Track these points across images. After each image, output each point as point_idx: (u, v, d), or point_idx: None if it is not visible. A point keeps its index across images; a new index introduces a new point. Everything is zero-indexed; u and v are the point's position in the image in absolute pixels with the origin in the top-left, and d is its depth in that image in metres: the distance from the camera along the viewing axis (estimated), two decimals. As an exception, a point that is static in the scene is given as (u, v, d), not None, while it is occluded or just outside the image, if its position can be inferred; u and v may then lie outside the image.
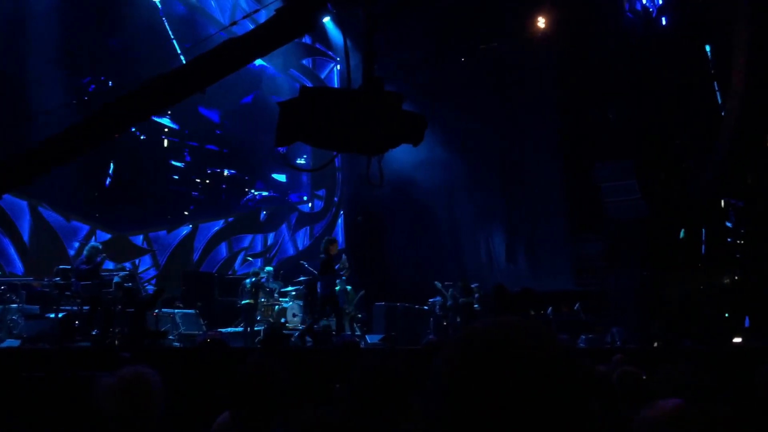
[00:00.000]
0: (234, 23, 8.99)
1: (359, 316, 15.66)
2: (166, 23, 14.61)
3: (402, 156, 18.49)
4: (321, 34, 17.78)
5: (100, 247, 10.77)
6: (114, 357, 7.47)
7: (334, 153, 6.57)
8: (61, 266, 10.92)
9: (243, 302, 12.22)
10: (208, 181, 16.30)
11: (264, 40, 6.44)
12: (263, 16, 8.93)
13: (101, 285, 9.93)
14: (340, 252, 12.75)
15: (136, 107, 6.42)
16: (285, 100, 6.27)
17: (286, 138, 6.10)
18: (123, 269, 12.65)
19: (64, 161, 6.24)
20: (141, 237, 14.85)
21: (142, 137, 14.49)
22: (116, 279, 10.23)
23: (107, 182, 14.01)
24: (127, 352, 7.38)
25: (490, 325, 1.05)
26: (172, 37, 14.66)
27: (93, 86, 13.47)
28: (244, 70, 7.62)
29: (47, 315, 10.17)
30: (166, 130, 15.09)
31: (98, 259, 10.18)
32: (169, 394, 2.79)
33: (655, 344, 14.88)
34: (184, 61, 10.74)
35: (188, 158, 15.72)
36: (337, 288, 13.98)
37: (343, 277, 12.75)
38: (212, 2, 16.21)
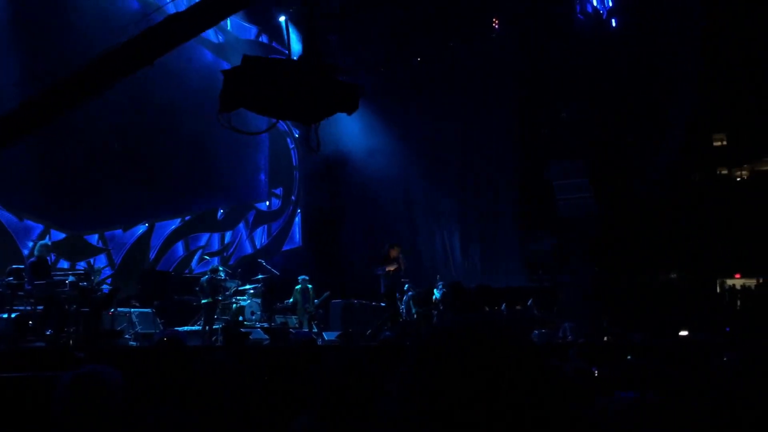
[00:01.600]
0: (159, 8, 9.19)
1: (320, 311, 15.78)
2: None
3: (359, 153, 18.71)
4: (277, 33, 17.82)
5: (50, 244, 10.63)
6: (68, 357, 7.46)
7: (274, 120, 6.98)
8: (14, 266, 10.77)
9: (203, 301, 12.22)
10: (165, 180, 16.16)
11: (205, 13, 6.80)
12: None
13: (55, 284, 9.84)
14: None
15: (86, 82, 6.62)
16: (229, 69, 6.65)
17: (229, 104, 6.43)
18: (92, 268, 12.46)
19: (15, 138, 6.39)
20: (96, 236, 14.67)
21: (97, 135, 14.28)
22: (70, 278, 10.14)
23: (61, 181, 13.77)
24: (81, 352, 7.38)
25: (457, 325, 1.05)
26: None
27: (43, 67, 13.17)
28: (199, 67, 7.74)
29: (0, 315, 10.04)
30: (122, 128, 14.92)
31: (50, 257, 10.09)
32: (130, 393, 2.82)
33: (605, 338, 15.32)
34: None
35: (145, 156, 15.56)
36: (298, 287, 14.12)
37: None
38: (171, 7, 16.08)
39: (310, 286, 14.22)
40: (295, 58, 6.98)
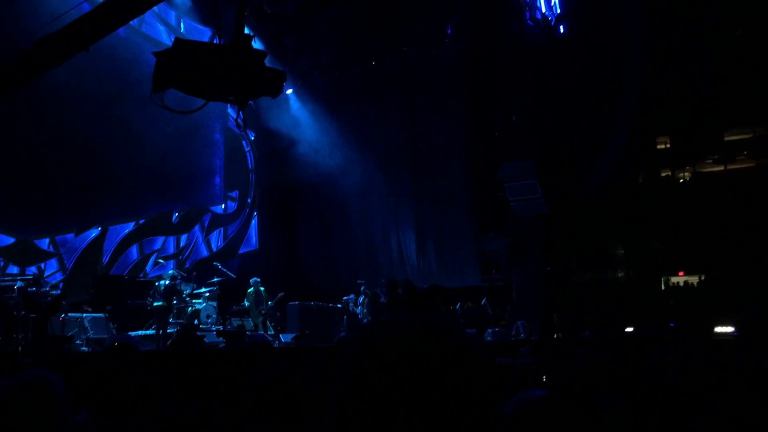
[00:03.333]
0: None
1: (277, 314, 15.81)
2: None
3: (315, 156, 18.79)
4: (226, 31, 17.74)
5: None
6: (15, 363, 7.40)
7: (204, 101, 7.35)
8: (-40, 272, 10.59)
9: (155, 304, 12.16)
10: (118, 183, 15.97)
11: None
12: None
13: (2, 290, 9.70)
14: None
15: (23, 66, 6.84)
16: (161, 50, 6.94)
17: (161, 84, 6.74)
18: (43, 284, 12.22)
19: None
20: (47, 240, 14.44)
21: (47, 137, 14.03)
22: (18, 284, 10.01)
23: (10, 184, 13.50)
24: (28, 358, 7.32)
25: (390, 324, 1.06)
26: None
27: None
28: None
29: (-54, 322, 9.86)
30: (74, 130, 14.69)
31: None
32: (74, 399, 2.82)
33: (556, 336, 15.71)
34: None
35: (98, 159, 15.35)
36: (250, 290, 14.16)
37: None
38: None
39: (262, 288, 14.28)
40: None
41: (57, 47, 6.90)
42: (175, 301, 12.55)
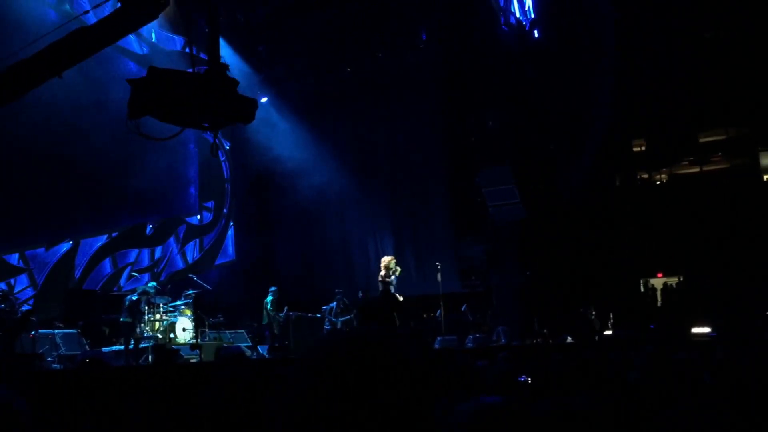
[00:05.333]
0: (77, 16, 9.64)
1: (254, 325, 15.64)
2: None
3: (290, 163, 18.64)
4: (204, 43, 17.57)
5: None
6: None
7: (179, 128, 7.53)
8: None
9: (121, 320, 11.99)
10: (90, 195, 15.67)
11: (112, 27, 7.42)
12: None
13: (-31, 308, 9.45)
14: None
15: None
16: (135, 78, 7.06)
17: (136, 112, 6.90)
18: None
19: None
20: (17, 255, 14.11)
21: (15, 148, 13.72)
22: (-14, 301, 9.76)
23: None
24: (-4, 377, 7.11)
25: (323, 339, 1.13)
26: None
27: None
28: (123, 78, 7.87)
29: None
30: (43, 141, 14.40)
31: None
32: (41, 418, 2.66)
33: (536, 341, 15.70)
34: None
35: (68, 171, 15.06)
36: (269, 298, 14.16)
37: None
38: (87, 8, 15.69)
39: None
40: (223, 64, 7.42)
41: (29, 73, 7.03)
42: (148, 316, 12.32)
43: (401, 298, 12.88)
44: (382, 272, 13.08)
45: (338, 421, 1.03)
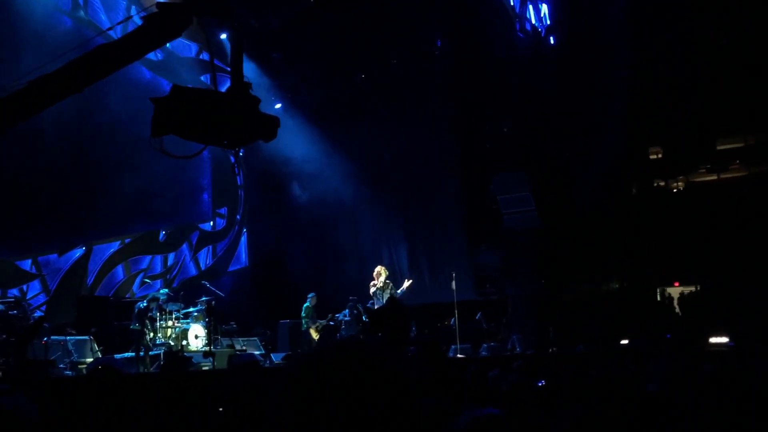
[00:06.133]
0: (103, 32, 9.77)
1: (267, 332, 15.54)
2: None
3: (304, 170, 18.58)
4: (220, 50, 17.53)
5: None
6: (-6, 390, 7.10)
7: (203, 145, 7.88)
8: (-63, 296, 10.25)
9: (131, 327, 11.96)
10: (103, 201, 15.64)
11: (135, 44, 7.55)
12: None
13: (-19, 314, 9.40)
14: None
15: (14, 108, 6.87)
16: (159, 97, 7.14)
17: (160, 130, 7.01)
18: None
19: None
20: (29, 261, 14.08)
21: (28, 154, 13.70)
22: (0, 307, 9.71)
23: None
24: (6, 384, 7.04)
25: (315, 351, 1.19)
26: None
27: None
28: (137, 84, 7.94)
29: None
30: (56, 146, 14.41)
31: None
32: (51, 426, 2.64)
33: (551, 350, 15.48)
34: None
35: (81, 176, 15.05)
36: (307, 303, 14.58)
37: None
38: (102, 16, 15.73)
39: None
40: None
41: (52, 89, 7.10)
42: (160, 322, 12.25)
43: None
44: (377, 282, 13.42)
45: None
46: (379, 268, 13.95)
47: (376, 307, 13.38)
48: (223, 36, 16.55)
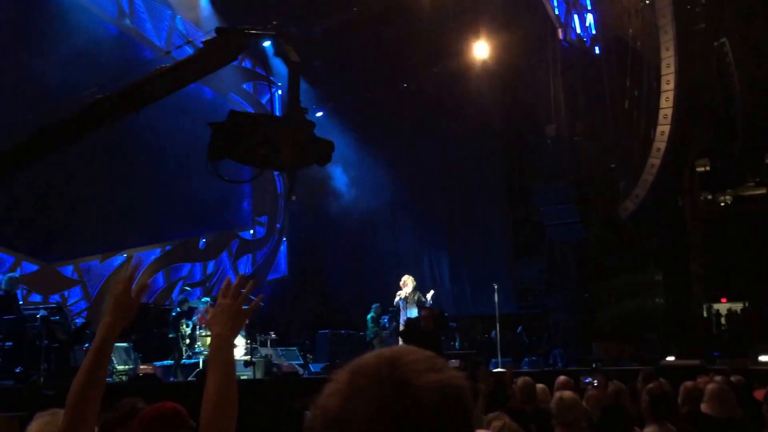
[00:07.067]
0: (168, 52, 10.01)
1: (306, 342, 15.42)
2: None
3: (344, 179, 18.48)
4: (262, 58, 17.60)
5: (18, 277, 10.20)
6: (37, 395, 7.07)
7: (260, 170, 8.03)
8: (-20, 301, 10.29)
9: (170, 336, 11.97)
10: (144, 208, 15.72)
11: (193, 68, 7.71)
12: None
13: (25, 320, 9.41)
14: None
15: (75, 129, 7.29)
16: (216, 122, 7.25)
17: (217, 154, 7.14)
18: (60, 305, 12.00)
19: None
20: (71, 267, 14.18)
21: (72, 161, 13.82)
22: (41, 313, 9.71)
23: (34, 209, 13.24)
24: (51, 390, 7.01)
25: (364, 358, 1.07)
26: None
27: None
28: (180, 91, 7.98)
29: (-35, 353, 9.53)
30: (99, 153, 14.51)
31: (17, 291, 9.70)
32: None
33: (594, 365, 15.08)
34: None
35: (123, 183, 15.14)
36: (371, 314, 14.44)
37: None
38: (148, 24, 15.88)
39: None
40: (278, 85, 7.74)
41: (110, 110, 7.26)
42: (200, 331, 12.21)
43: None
44: (403, 291, 13.33)
45: None
46: (405, 277, 13.77)
47: (404, 316, 13.16)
48: (266, 44, 16.62)
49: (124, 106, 7.32)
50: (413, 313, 13.12)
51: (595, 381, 6.78)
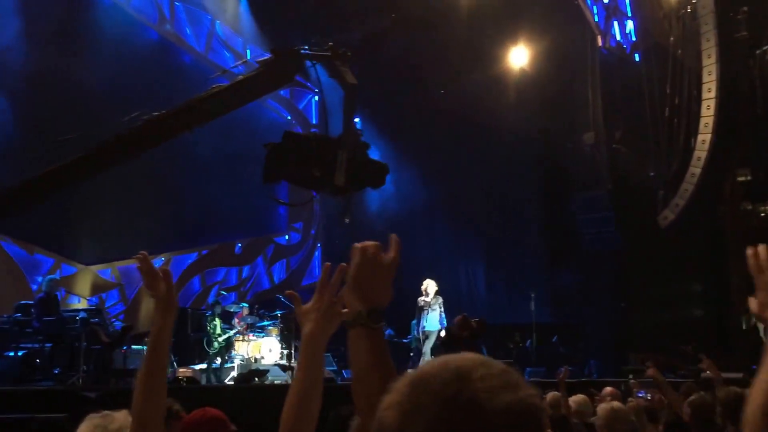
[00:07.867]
0: (225, 71, 10.02)
1: (341, 348, 15.38)
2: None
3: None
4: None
5: (59, 279, 10.33)
6: (78, 397, 7.12)
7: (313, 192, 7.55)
8: (21, 302, 10.43)
9: (204, 339, 12.09)
10: (182, 212, 15.89)
11: (249, 88, 7.64)
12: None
13: (64, 321, 9.52)
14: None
15: (128, 147, 7.33)
16: (270, 143, 7.10)
17: (271, 176, 7.13)
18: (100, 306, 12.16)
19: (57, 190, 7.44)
20: (109, 270, 14.35)
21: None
22: (81, 315, 9.83)
23: (75, 213, 13.44)
24: (92, 392, 7.05)
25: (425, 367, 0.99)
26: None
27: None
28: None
29: (6, 353, 9.57)
30: (134, 161, 14.67)
31: (59, 292, 9.84)
32: None
33: (631, 377, 14.81)
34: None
35: (161, 188, 15.30)
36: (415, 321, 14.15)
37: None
38: (187, 30, 16.07)
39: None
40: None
41: (166, 128, 7.26)
42: (236, 335, 12.28)
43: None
44: (425, 296, 13.18)
45: None
46: (427, 281, 13.59)
47: (424, 322, 13.16)
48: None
49: (178, 127, 7.32)
50: (433, 319, 13.10)
51: (649, 395, 6.65)
